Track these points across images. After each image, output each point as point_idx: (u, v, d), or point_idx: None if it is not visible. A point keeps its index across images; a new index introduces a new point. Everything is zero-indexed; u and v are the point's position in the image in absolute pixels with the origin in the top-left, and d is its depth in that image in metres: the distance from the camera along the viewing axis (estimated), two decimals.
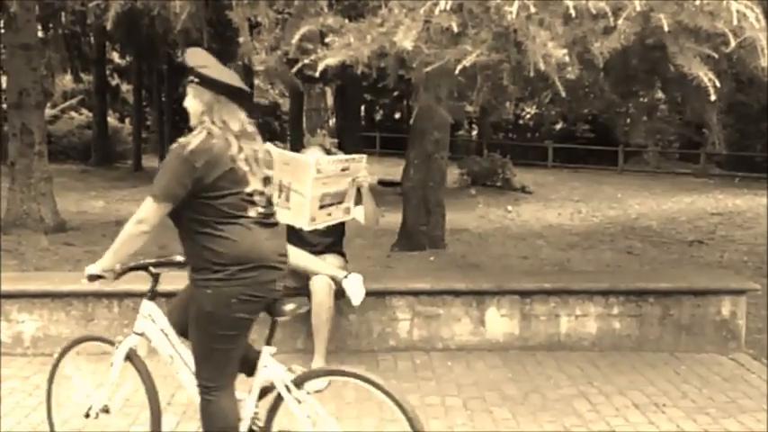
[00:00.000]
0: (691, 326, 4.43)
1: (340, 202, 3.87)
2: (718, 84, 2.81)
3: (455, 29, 2.80)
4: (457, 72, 2.85)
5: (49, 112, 23.11)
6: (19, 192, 8.78)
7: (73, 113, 24.68)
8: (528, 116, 25.59)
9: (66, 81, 25.69)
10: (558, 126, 25.21)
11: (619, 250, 8.38)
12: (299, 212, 3.76)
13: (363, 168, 3.79)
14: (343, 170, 3.73)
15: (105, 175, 18.95)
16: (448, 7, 2.67)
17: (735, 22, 2.62)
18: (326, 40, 3.18)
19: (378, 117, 29.00)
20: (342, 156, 3.81)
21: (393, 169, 17.15)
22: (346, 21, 3.24)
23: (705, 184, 18.27)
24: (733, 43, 2.72)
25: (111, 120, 24.29)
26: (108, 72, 22.45)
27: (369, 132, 26.51)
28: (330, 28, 3.26)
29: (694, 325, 4.43)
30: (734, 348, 4.41)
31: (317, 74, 3.06)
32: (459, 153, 21.37)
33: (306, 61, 3.22)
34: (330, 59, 2.99)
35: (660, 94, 5.28)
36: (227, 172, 2.36)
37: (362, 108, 25.33)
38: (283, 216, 3.87)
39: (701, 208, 13.05)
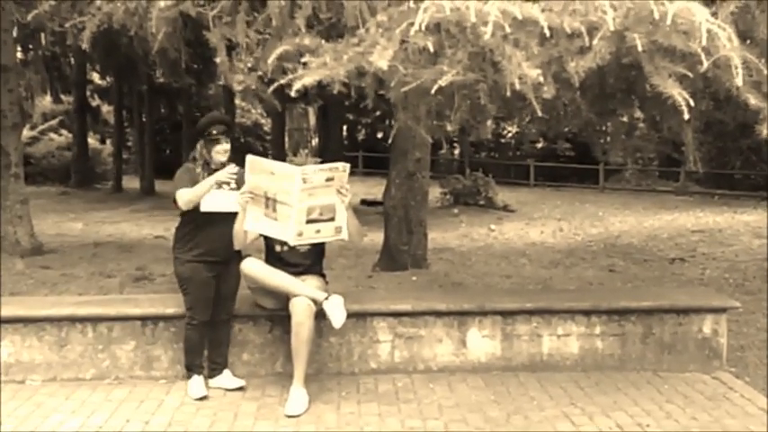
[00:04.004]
0: (673, 344, 4.42)
1: (331, 219, 3.78)
2: (692, 103, 2.82)
3: (431, 48, 2.79)
4: (434, 92, 2.84)
5: (28, 133, 22.90)
6: None
7: (53, 135, 24.46)
8: (509, 135, 25.76)
9: (45, 102, 25.52)
10: (539, 145, 25.40)
11: (601, 268, 8.39)
12: (286, 225, 3.69)
13: (346, 179, 3.74)
14: (327, 180, 3.68)
15: (85, 196, 18.77)
16: (423, 27, 2.66)
17: (704, 42, 2.63)
18: (303, 59, 3.16)
19: (360, 137, 29.03)
20: (326, 165, 3.76)
21: (375, 188, 17.17)
22: (323, 41, 3.22)
23: (685, 202, 18.44)
24: (706, 63, 2.73)
25: (92, 141, 24.14)
26: (88, 93, 22.34)
27: (351, 152, 26.50)
28: (307, 48, 3.25)
29: (677, 343, 4.42)
30: (716, 367, 4.40)
31: (294, 93, 3.03)
32: (441, 172, 21.42)
33: (282, 81, 3.20)
34: (306, 79, 2.97)
35: (639, 113, 5.31)
36: None
37: (344, 128, 25.38)
38: (270, 229, 3.80)
39: (681, 225, 13.15)
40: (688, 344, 4.42)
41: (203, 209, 3.90)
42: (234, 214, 3.88)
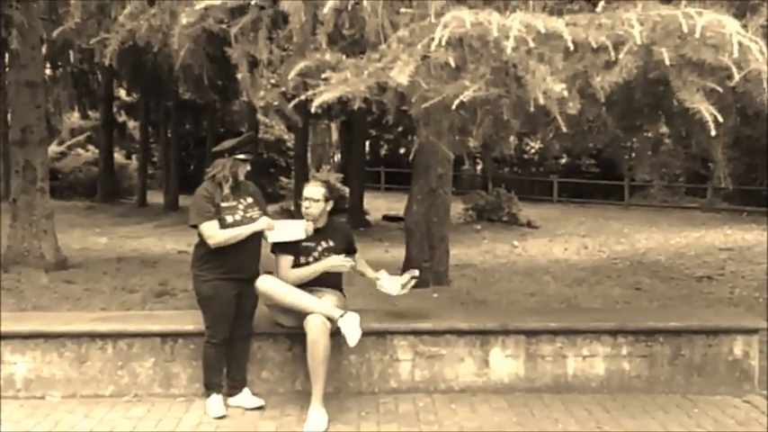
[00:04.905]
0: (703, 366, 4.29)
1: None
2: (720, 118, 2.73)
3: (452, 63, 2.74)
4: (455, 107, 2.79)
5: (56, 148, 23.27)
6: (20, 228, 8.73)
7: (80, 150, 24.86)
8: (533, 150, 25.59)
9: (74, 118, 25.95)
10: (563, 160, 25.18)
11: (627, 286, 8.24)
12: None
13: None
14: None
15: (110, 211, 18.98)
16: (444, 42, 2.62)
17: (735, 55, 2.55)
18: (324, 75, 3.13)
19: (382, 152, 29.05)
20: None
21: (397, 204, 17.14)
22: (344, 57, 3.19)
23: (713, 219, 18.12)
24: (737, 76, 2.65)
25: (118, 156, 24.46)
26: (115, 109, 22.67)
27: (373, 167, 26.55)
28: (328, 64, 3.22)
29: (706, 365, 4.29)
30: (748, 390, 4.26)
31: (314, 109, 3.00)
32: (464, 188, 21.34)
33: (303, 97, 3.17)
34: (327, 95, 2.93)
35: (665, 128, 5.21)
36: None
37: (367, 143, 25.39)
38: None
39: (709, 243, 12.89)
40: (718, 366, 4.29)
41: (272, 240, 3.95)
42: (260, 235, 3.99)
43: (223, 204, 3.90)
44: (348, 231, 4.41)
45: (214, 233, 3.84)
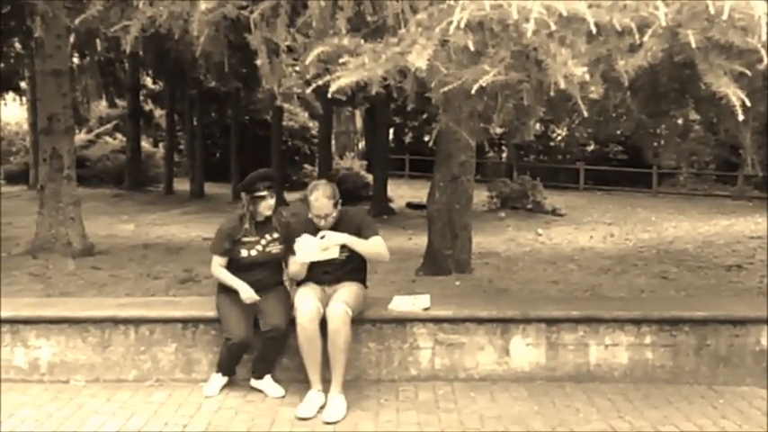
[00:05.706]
0: (729, 357, 4.20)
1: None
2: (748, 102, 2.64)
3: (472, 47, 2.69)
4: (474, 92, 2.74)
5: (84, 137, 23.57)
6: (48, 216, 8.87)
7: (108, 138, 25.16)
8: (559, 138, 25.28)
9: (101, 107, 26.27)
10: (590, 148, 24.86)
11: (653, 275, 8.12)
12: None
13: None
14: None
15: (137, 198, 19.22)
16: (463, 25, 2.57)
17: (764, 38, 2.46)
18: (342, 60, 3.10)
19: (407, 139, 28.96)
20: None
21: (422, 192, 17.07)
22: (362, 41, 3.15)
23: (743, 207, 17.79)
24: (766, 60, 2.56)
25: (145, 144, 24.71)
26: (142, 98, 22.88)
27: (398, 155, 26.49)
28: (346, 49, 3.19)
29: (733, 356, 4.20)
30: None
31: (332, 94, 2.97)
32: (488, 175, 21.22)
33: (320, 82, 3.14)
34: (344, 79, 2.90)
35: (694, 114, 5.10)
36: None
37: (391, 131, 25.34)
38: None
39: (739, 231, 12.66)
40: (745, 356, 4.20)
41: (300, 260, 3.99)
42: (276, 264, 4.18)
43: (243, 239, 4.07)
44: (356, 218, 4.15)
45: (215, 266, 4.13)
